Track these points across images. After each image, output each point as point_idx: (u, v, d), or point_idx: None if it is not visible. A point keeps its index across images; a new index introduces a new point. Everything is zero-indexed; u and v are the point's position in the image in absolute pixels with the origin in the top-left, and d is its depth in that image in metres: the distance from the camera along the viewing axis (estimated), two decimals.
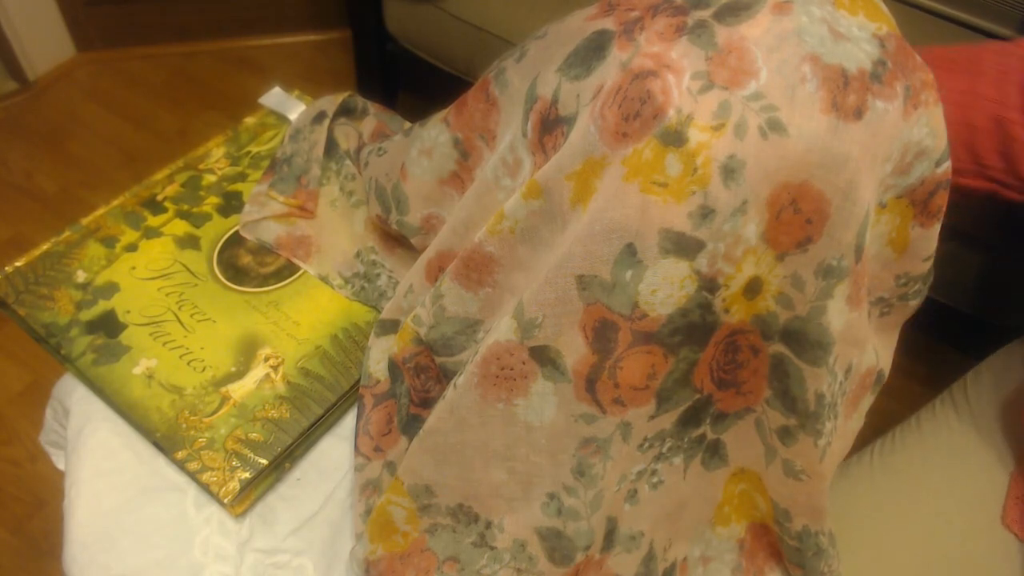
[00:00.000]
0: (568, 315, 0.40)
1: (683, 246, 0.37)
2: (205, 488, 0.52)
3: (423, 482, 0.46)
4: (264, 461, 0.52)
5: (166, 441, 0.52)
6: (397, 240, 0.64)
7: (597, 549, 0.46)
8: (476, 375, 0.42)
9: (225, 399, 0.54)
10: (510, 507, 0.45)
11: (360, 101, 0.71)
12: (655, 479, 0.46)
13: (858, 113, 0.36)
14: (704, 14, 0.37)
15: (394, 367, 0.53)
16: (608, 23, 0.40)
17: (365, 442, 0.53)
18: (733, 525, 0.50)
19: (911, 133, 0.38)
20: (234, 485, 0.51)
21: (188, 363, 0.56)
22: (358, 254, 0.64)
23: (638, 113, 0.36)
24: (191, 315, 0.58)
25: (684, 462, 0.46)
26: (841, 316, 0.40)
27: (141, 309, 0.58)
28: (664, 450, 0.45)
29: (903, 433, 0.63)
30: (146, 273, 0.60)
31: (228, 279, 0.60)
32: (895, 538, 0.57)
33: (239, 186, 0.67)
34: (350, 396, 0.57)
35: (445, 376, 0.50)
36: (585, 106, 0.39)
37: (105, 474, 0.53)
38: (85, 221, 0.63)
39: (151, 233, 0.63)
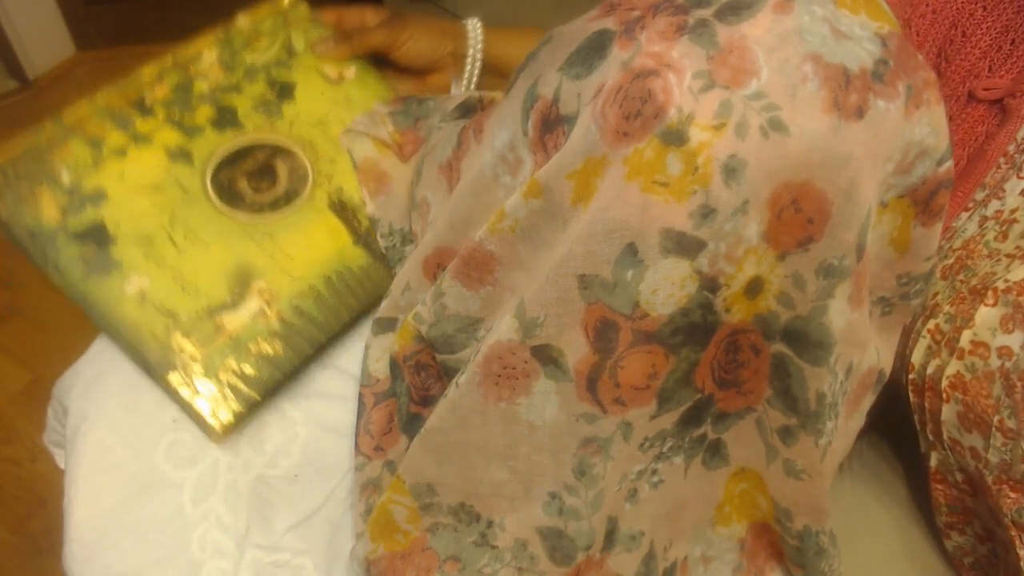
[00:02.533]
0: (569, 314, 0.40)
1: (684, 246, 0.36)
2: (197, 415, 0.53)
3: (425, 481, 0.46)
4: (257, 396, 0.53)
5: (158, 364, 0.52)
6: None
7: (598, 549, 0.46)
8: (478, 374, 0.42)
9: (219, 329, 0.54)
10: (511, 506, 0.45)
11: None
12: (656, 478, 0.46)
13: (860, 112, 0.36)
14: (705, 13, 0.37)
15: (395, 365, 0.53)
16: (609, 23, 0.40)
17: (366, 441, 0.53)
18: (734, 525, 0.50)
19: (913, 132, 0.38)
20: (228, 417, 0.53)
21: (182, 287, 0.54)
22: (409, 215, 0.63)
23: (639, 112, 0.36)
24: (184, 236, 0.55)
25: (685, 461, 0.46)
26: (842, 316, 0.40)
27: (132, 222, 0.55)
28: (665, 449, 0.45)
29: (871, 435, 0.64)
30: (137, 182, 0.56)
31: (223, 202, 0.58)
32: (865, 538, 0.57)
33: (233, 99, 0.61)
34: (338, 336, 0.58)
35: (446, 374, 0.50)
36: (586, 105, 0.39)
37: (102, 471, 0.53)
38: (66, 117, 0.57)
39: (140, 139, 0.58)
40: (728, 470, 0.47)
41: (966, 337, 0.46)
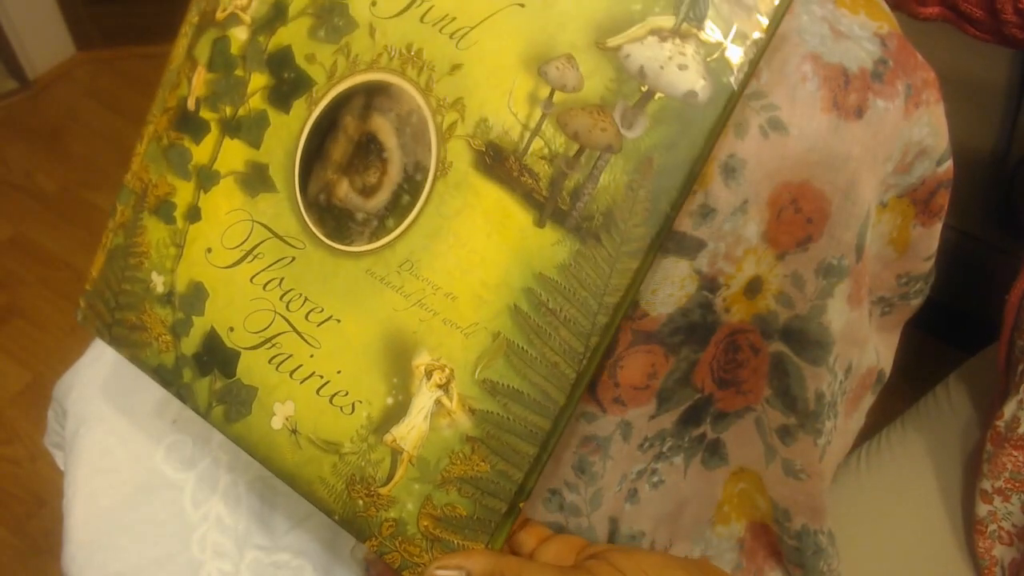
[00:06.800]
0: None
1: (683, 245, 0.36)
2: None
3: None
4: (480, 543, 0.36)
5: (350, 527, 0.38)
6: None
7: None
8: None
9: (396, 454, 0.36)
10: None
11: None
12: (655, 478, 0.46)
13: (859, 112, 0.36)
14: None
15: None
16: None
17: None
18: (733, 524, 0.50)
19: (912, 132, 0.38)
20: None
21: (331, 400, 0.37)
22: None
23: None
24: (306, 316, 0.38)
25: (684, 461, 0.46)
26: (841, 315, 0.40)
27: (244, 321, 0.39)
28: (664, 449, 0.45)
29: (889, 435, 0.64)
30: (226, 257, 0.39)
31: (329, 234, 0.37)
32: (882, 537, 0.58)
33: (283, 35, 0.38)
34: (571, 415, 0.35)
35: None
36: None
37: (102, 472, 0.53)
38: (129, 181, 0.43)
39: (206, 179, 0.40)
40: (727, 470, 0.47)
41: None
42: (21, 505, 1.12)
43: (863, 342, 0.43)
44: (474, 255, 0.34)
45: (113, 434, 0.55)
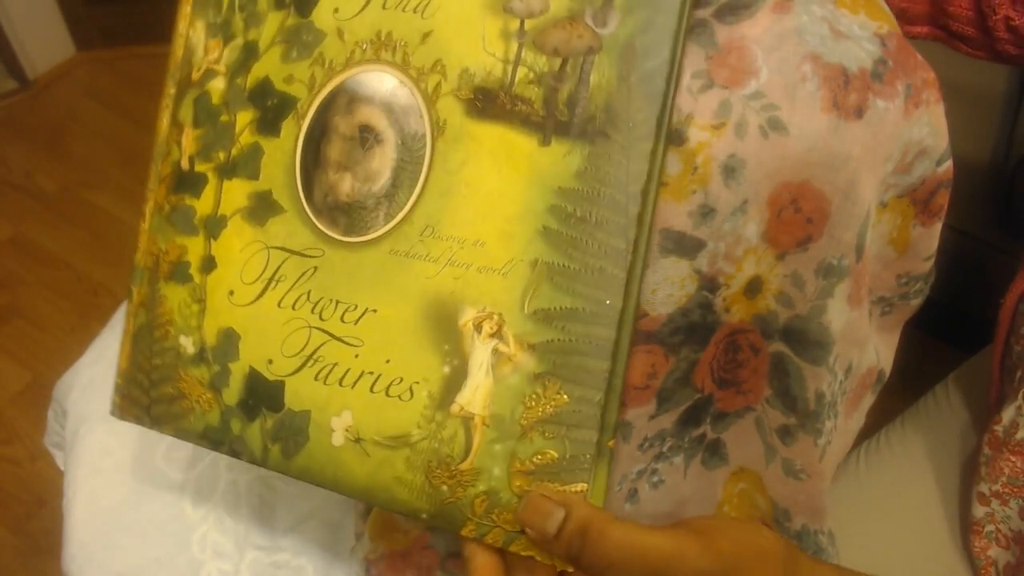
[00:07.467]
0: None
1: (683, 245, 0.36)
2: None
3: None
4: (581, 485, 0.33)
5: (441, 520, 0.35)
6: None
7: None
8: None
9: (468, 421, 0.34)
10: None
11: None
12: (655, 478, 0.46)
13: (859, 112, 0.36)
14: (704, 13, 0.37)
15: None
16: None
17: None
18: None
19: (912, 132, 0.38)
20: None
21: (387, 392, 0.36)
22: None
23: None
24: (342, 318, 0.37)
25: (684, 461, 0.46)
26: (842, 315, 0.40)
27: (281, 348, 0.38)
28: (664, 449, 0.45)
29: (888, 434, 0.64)
30: (248, 293, 0.39)
31: (345, 231, 0.37)
32: (880, 536, 0.58)
33: (258, 70, 0.39)
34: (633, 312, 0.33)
35: None
36: None
37: (102, 472, 0.53)
38: (139, 260, 0.43)
39: (214, 227, 0.40)
40: (727, 470, 0.47)
41: None
42: (21, 505, 1.12)
43: (863, 342, 0.43)
44: (491, 195, 0.34)
45: (113, 434, 0.55)
